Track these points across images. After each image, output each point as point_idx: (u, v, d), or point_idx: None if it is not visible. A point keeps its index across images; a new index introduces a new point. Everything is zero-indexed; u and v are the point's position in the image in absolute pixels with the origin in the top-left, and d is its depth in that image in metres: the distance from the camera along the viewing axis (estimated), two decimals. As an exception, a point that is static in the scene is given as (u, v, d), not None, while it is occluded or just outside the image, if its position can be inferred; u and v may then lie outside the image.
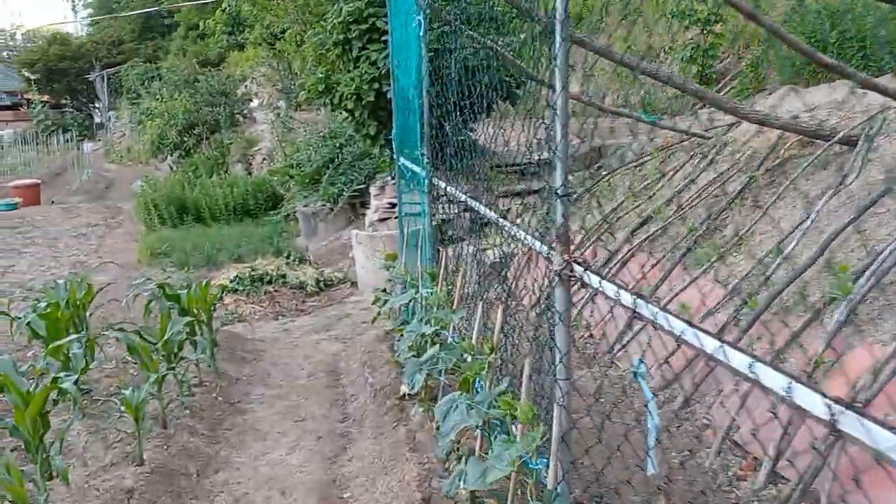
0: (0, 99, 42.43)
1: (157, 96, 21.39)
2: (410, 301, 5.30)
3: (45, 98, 41.73)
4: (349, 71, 8.47)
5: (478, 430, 3.58)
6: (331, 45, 8.55)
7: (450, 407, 3.77)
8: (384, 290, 6.60)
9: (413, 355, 4.93)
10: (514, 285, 7.84)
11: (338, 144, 11.74)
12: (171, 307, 5.31)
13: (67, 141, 34.70)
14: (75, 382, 4.11)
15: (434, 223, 6.11)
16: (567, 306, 2.42)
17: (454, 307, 4.68)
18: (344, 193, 10.85)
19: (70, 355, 4.64)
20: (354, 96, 8.27)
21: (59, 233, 14.19)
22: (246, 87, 21.28)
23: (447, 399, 3.79)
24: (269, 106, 19.56)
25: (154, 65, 35.10)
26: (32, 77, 40.19)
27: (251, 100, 20.59)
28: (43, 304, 5.33)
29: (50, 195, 20.72)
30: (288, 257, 10.06)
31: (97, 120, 43.24)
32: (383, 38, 8.07)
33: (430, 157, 5.38)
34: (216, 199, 13.92)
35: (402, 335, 5.84)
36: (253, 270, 8.96)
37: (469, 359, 3.93)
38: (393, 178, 9.57)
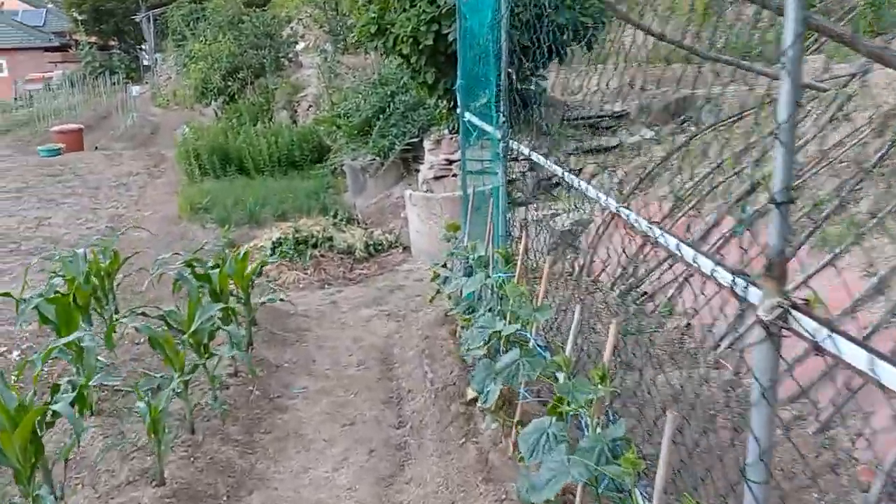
0: (49, 40, 42.19)
1: (201, 38, 20.62)
2: (479, 287, 4.47)
3: (93, 39, 41.40)
4: (405, 10, 7.51)
5: (580, 483, 2.77)
6: (385, -20, 7.57)
7: (539, 438, 2.97)
8: (444, 266, 5.78)
9: (484, 355, 4.13)
10: (589, 258, 6.96)
11: (389, 92, 10.81)
12: (201, 289, 4.56)
13: (114, 84, 34.32)
14: (83, 387, 3.41)
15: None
16: (774, 375, 1.54)
17: (538, 302, 3.81)
18: (395, 147, 9.98)
19: (83, 348, 3.95)
20: (410, 39, 7.32)
21: (100, 182, 13.66)
22: (292, 28, 20.34)
23: (535, 427, 2.99)
24: (316, 49, 18.63)
25: (199, 5, 34.29)
26: (80, 18, 39.82)
27: (297, 42, 19.66)
28: (58, 281, 4.64)
29: (94, 140, 20.26)
30: (335, 216, 9.29)
31: (144, 62, 42.85)
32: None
33: (508, 114, 4.45)
34: (260, 149, 13.17)
35: (467, 325, 5.04)
36: (297, 232, 8.20)
37: (561, 378, 3.10)
38: (452, 132, 8.65)
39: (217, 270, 4.59)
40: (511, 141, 4.48)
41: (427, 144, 9.36)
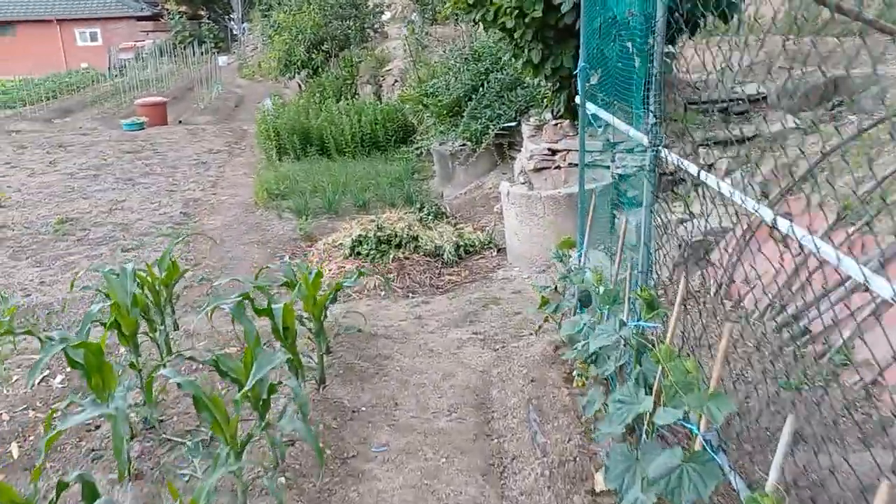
0: (142, 9, 42.76)
1: (286, 8, 19.98)
2: (614, 335, 3.44)
3: (183, 9, 41.77)
4: (511, -23, 6.42)
5: None
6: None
7: None
8: (554, 289, 4.78)
9: (622, 439, 3.14)
10: (726, 274, 5.79)
11: (483, 69, 9.77)
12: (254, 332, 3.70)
13: (202, 54, 34.37)
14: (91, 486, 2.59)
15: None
16: None
17: (711, 386, 2.75)
18: (489, 131, 8.95)
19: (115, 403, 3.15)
20: (515, 11, 6.25)
21: (179, 160, 13.19)
22: (379, -2, 19.42)
23: None
24: (402, 19, 17.67)
25: (286, -25, 33.87)
26: (170, -13, 40.17)
27: (383, 12, 18.74)
28: (96, 309, 3.86)
29: (179, 112, 20.02)
30: (421, 209, 8.36)
31: (233, 32, 42.99)
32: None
33: (660, 113, 3.36)
34: (342, 128, 12.39)
35: (584, 374, 4.05)
36: (380, 230, 7.32)
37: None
38: (557, 117, 7.55)
39: (282, 306, 3.70)
40: (664, 149, 3.38)
41: (526, 130, 8.29)
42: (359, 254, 7.26)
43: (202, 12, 43.26)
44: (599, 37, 4.47)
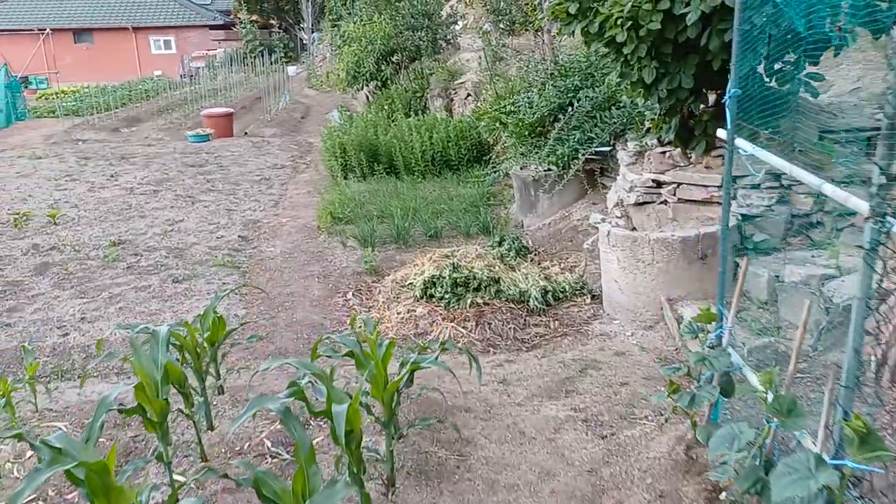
0: (214, 18, 43.23)
1: (357, 19, 19.42)
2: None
3: (254, 18, 42.01)
4: (621, -19, 5.46)
5: None
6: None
7: None
8: (687, 373, 3.79)
9: None
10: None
11: (570, 86, 8.80)
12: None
13: (272, 63, 34.36)
14: None
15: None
16: None
17: None
18: (578, 156, 7.97)
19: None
20: (629, 22, 5.27)
21: (242, 176, 12.61)
22: (451, 7, 18.63)
23: None
24: (477, 29, 16.83)
25: (357, -17, 33.53)
26: (243, -4, 40.42)
27: (456, 22, 17.94)
28: (113, 395, 3.05)
29: (245, 123, 19.66)
30: (500, 243, 7.44)
31: (302, 42, 43.05)
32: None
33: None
34: (411, 145, 11.58)
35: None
36: (455, 270, 6.42)
37: None
38: (663, 145, 6.53)
39: (345, 408, 2.80)
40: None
41: (623, 156, 7.27)
42: (431, 296, 6.38)
43: (273, 22, 43.47)
44: (767, 56, 3.45)
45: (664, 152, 6.49)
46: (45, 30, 41.20)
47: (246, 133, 17.86)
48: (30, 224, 9.47)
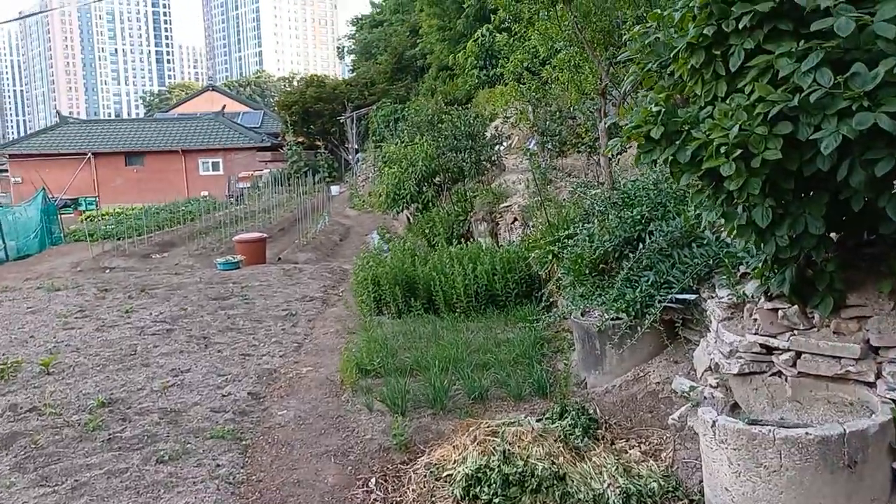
0: (262, 140, 44.12)
1: (398, 140, 18.86)
2: None
3: (300, 139, 42.70)
4: (720, 99, 4.25)
5: None
6: (682, 49, 4.40)
7: None
8: None
9: None
10: None
11: (638, 216, 7.51)
12: None
13: (316, 183, 34.34)
14: None
15: None
16: None
17: None
18: (654, 303, 6.54)
19: None
20: (736, 151, 3.99)
21: (266, 310, 11.46)
22: (496, 128, 17.92)
23: None
24: (523, 150, 15.94)
25: (401, 105, 33.75)
26: (290, 119, 41.21)
27: (501, 143, 17.14)
28: None
29: (282, 247, 18.86)
30: (562, 415, 5.93)
31: (346, 162, 43.42)
32: (811, 20, 3.77)
33: None
34: (452, 278, 10.33)
35: None
36: (506, 460, 4.94)
37: None
38: (772, 298, 5.08)
39: None
40: None
41: (714, 308, 5.83)
42: (476, 497, 4.87)
43: (319, 143, 44.11)
44: None
45: (774, 309, 5.03)
46: (91, 153, 42.32)
47: (280, 259, 16.96)
48: (18, 375, 8.33)
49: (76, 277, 15.29)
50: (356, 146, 40.00)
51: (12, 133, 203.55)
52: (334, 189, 35.92)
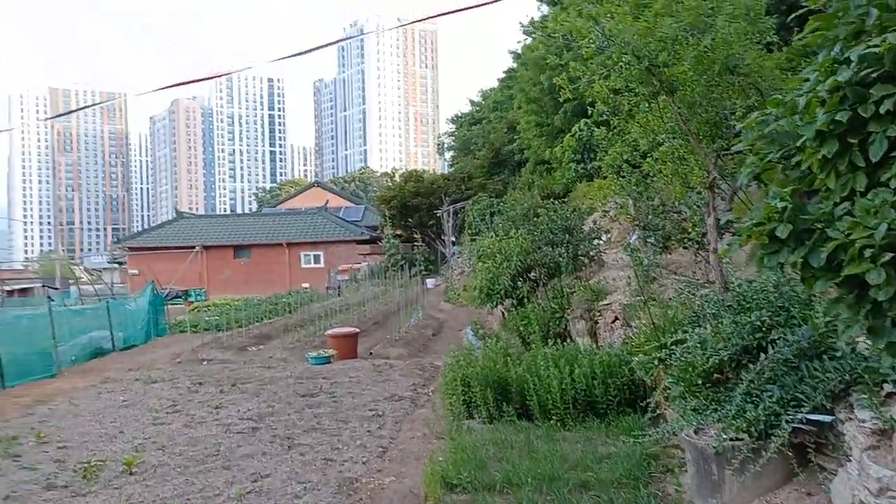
0: (361, 233, 45.17)
1: (493, 234, 18.60)
2: None
3: (398, 232, 43.45)
4: (860, 194, 3.66)
5: None
6: (810, 138, 3.85)
7: None
8: None
9: None
10: None
11: (757, 321, 6.72)
12: None
13: (412, 276, 34.50)
14: None
15: None
16: None
17: None
18: (781, 424, 5.69)
19: None
20: (886, 255, 3.35)
21: (353, 409, 11.07)
22: (595, 222, 17.39)
23: None
24: (623, 245, 15.29)
25: (497, 199, 33.83)
26: (388, 213, 42.13)
27: (600, 238, 16.55)
28: None
29: (374, 341, 18.65)
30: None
31: (443, 254, 43.70)
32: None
33: None
34: (548, 382, 9.64)
35: None
36: None
37: None
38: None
39: None
40: None
41: (856, 433, 4.96)
42: None
43: (416, 236, 44.70)
44: None
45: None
46: (202, 246, 44.36)
47: (371, 353, 16.71)
48: (101, 475, 8.18)
49: (174, 369, 15.51)
50: (453, 239, 40.21)
51: (137, 228, 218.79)
52: (430, 282, 35.95)
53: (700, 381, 6.98)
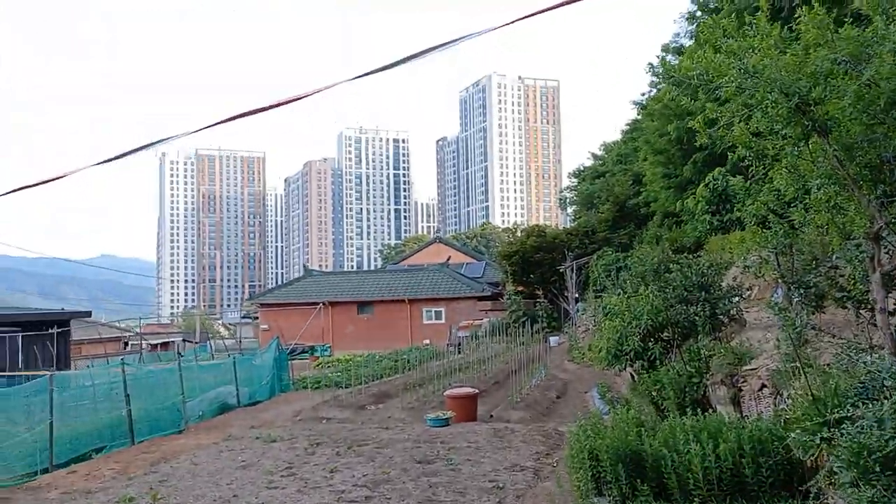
0: (482, 290, 44.78)
1: (619, 290, 17.58)
2: None
3: (520, 288, 42.71)
4: None
5: None
6: None
7: None
8: None
9: None
10: None
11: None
12: None
13: (535, 332, 33.55)
14: None
15: None
16: None
17: None
18: None
19: None
20: None
21: (472, 479, 10.36)
22: (734, 278, 16.06)
23: None
24: (769, 303, 13.91)
25: (623, 254, 32.53)
26: (510, 269, 41.62)
27: (741, 295, 15.20)
28: None
29: (494, 403, 17.91)
30: None
31: (567, 311, 42.49)
32: None
33: None
34: (688, 458, 8.57)
35: None
36: None
37: None
38: None
39: None
40: None
41: None
42: None
43: (538, 292, 43.78)
44: None
45: None
46: (328, 303, 45.37)
47: (491, 416, 15.97)
48: (210, 543, 7.90)
49: (294, 427, 15.42)
50: (576, 296, 39.00)
51: (271, 285, 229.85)
52: (553, 340, 34.82)
53: (878, 468, 5.86)
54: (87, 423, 14.47)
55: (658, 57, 37.33)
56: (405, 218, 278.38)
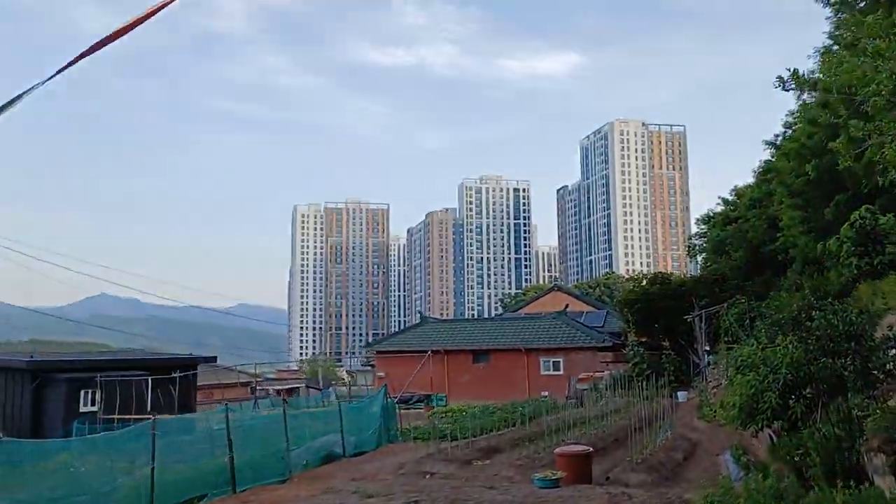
0: (603, 340, 42.80)
1: (753, 341, 15.78)
2: None
3: (643, 339, 40.43)
4: None
5: None
6: None
7: None
8: None
9: None
10: None
11: None
12: None
13: (660, 387, 31.37)
14: None
15: None
16: None
17: None
18: None
19: None
20: None
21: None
22: (890, 327, 13.99)
23: None
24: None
25: (758, 303, 30.00)
26: (632, 318, 39.55)
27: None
28: None
29: (611, 463, 16.41)
30: None
31: (696, 364, 39.77)
32: None
33: None
34: (844, 545, 7.04)
35: None
36: None
37: None
38: None
39: None
40: None
41: None
42: None
43: (664, 343, 41.28)
44: None
45: None
46: (443, 350, 44.76)
47: (608, 478, 14.52)
48: None
49: (394, 481, 14.63)
50: (707, 348, 36.37)
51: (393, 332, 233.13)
52: (681, 395, 32.44)
53: None
54: (189, 468, 14.33)
55: (788, 70, 34.73)
56: (526, 267, 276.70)
